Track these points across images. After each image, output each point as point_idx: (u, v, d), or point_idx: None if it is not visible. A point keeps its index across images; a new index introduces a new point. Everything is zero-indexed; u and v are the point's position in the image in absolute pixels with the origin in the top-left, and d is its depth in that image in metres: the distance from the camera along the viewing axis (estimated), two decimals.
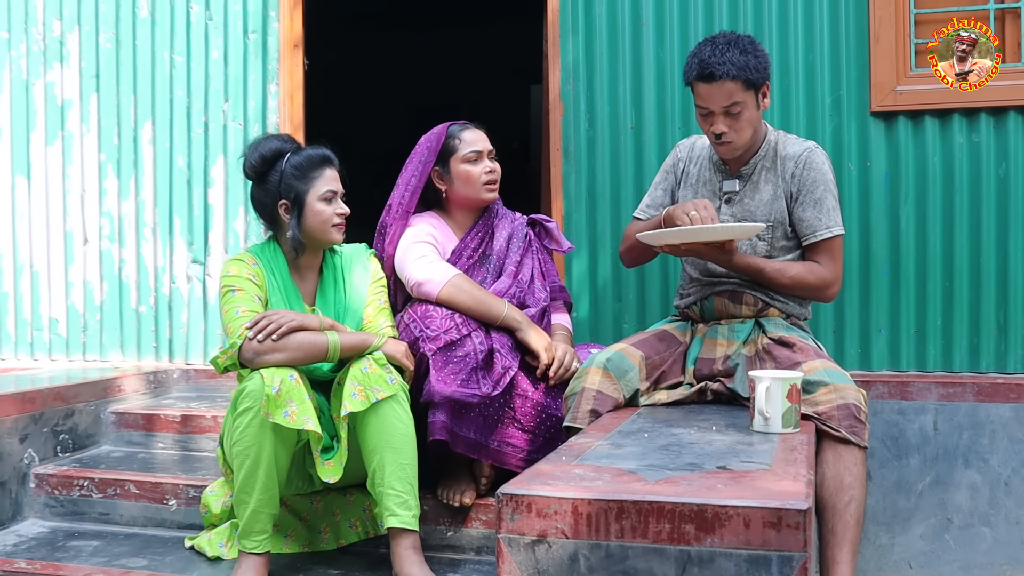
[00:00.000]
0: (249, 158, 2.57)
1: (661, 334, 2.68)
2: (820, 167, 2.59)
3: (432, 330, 2.54)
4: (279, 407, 2.25)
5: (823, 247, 2.59)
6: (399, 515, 2.35)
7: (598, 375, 2.46)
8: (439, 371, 2.49)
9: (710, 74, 2.46)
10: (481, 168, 2.80)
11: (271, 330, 2.34)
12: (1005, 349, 3.27)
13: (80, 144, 4.07)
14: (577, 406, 2.43)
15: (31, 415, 3.10)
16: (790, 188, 2.60)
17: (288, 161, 2.54)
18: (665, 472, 1.77)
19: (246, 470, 2.31)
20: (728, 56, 2.45)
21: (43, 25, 4.10)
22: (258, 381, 2.29)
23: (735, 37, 2.51)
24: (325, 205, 2.54)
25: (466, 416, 2.52)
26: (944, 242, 3.30)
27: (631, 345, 2.57)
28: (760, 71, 2.50)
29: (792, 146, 2.64)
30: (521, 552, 1.65)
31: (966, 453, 3.19)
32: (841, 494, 2.22)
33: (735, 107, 2.49)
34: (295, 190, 2.52)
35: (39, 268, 4.12)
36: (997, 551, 3.16)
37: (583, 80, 3.61)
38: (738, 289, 2.63)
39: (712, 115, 2.52)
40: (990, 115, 3.26)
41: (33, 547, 2.75)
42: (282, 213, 2.54)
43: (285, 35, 3.91)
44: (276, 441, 2.31)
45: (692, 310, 2.73)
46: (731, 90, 2.46)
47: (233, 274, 2.51)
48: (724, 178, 2.68)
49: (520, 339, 2.64)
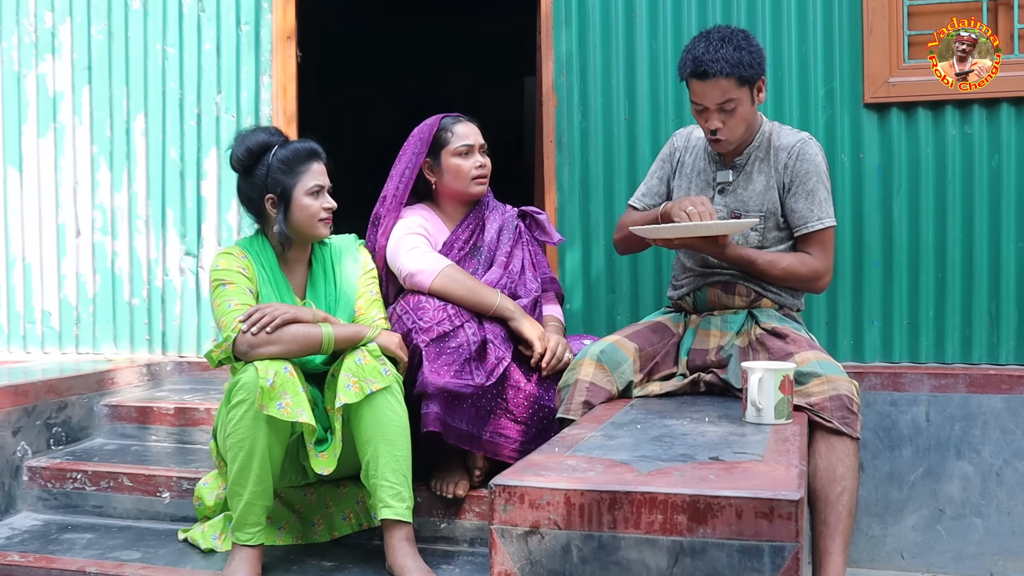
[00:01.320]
0: (235, 151, 2.56)
1: (655, 325, 2.69)
2: (813, 158, 2.59)
3: (425, 321, 2.54)
4: (273, 399, 2.25)
5: (815, 238, 2.59)
6: (393, 506, 2.35)
7: (592, 367, 2.46)
8: (432, 362, 2.49)
9: (704, 72, 2.46)
10: (472, 163, 2.79)
11: (265, 323, 2.34)
12: (997, 340, 3.28)
13: (72, 136, 4.06)
14: (570, 398, 2.43)
15: (24, 408, 3.10)
16: (783, 179, 2.60)
17: (275, 155, 2.52)
18: (658, 463, 1.78)
19: (240, 462, 2.31)
20: (722, 53, 2.45)
21: (35, 16, 4.08)
22: (252, 373, 2.29)
23: (729, 33, 2.50)
24: (312, 200, 2.53)
25: (459, 407, 2.52)
26: (937, 234, 3.31)
27: (624, 337, 2.57)
28: (754, 67, 2.49)
29: (786, 137, 2.63)
30: (514, 543, 1.65)
31: (958, 444, 3.20)
32: (833, 485, 2.23)
33: (729, 104, 2.49)
34: (282, 184, 2.51)
35: (31, 261, 4.11)
36: (989, 541, 3.18)
37: (576, 72, 3.61)
38: (731, 280, 2.64)
39: (707, 111, 2.52)
40: (983, 107, 3.26)
41: (26, 540, 2.75)
42: (268, 207, 2.53)
43: (278, 27, 3.90)
44: (270, 433, 2.31)
45: (685, 301, 2.74)
46: (725, 87, 2.46)
47: (223, 267, 2.51)
48: (718, 168, 2.68)
49: (513, 329, 2.64)
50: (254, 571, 2.34)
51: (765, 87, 2.58)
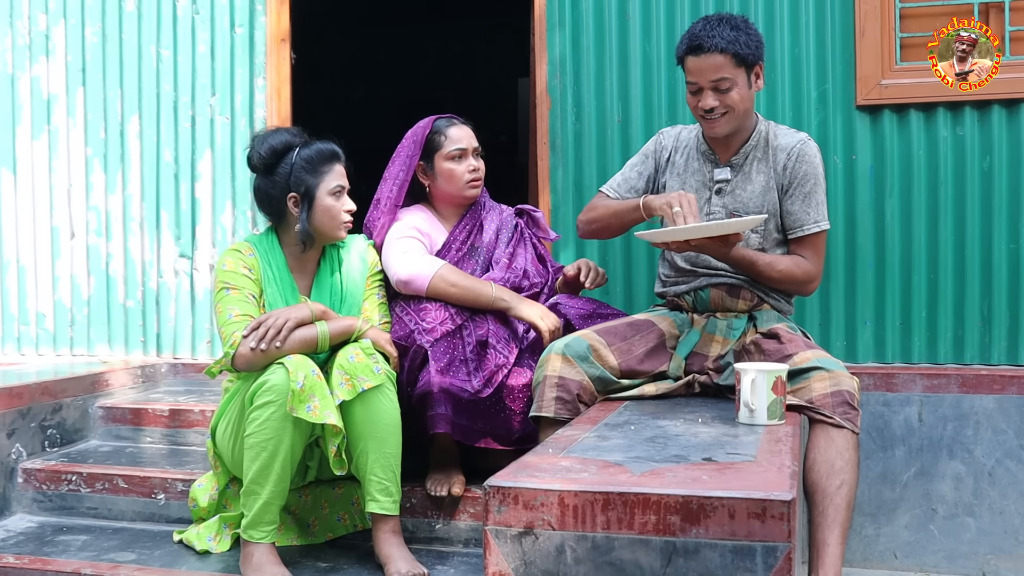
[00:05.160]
0: (257, 149, 2.56)
1: (632, 321, 2.64)
2: (812, 160, 2.59)
3: (428, 322, 2.56)
4: (303, 402, 2.27)
5: (809, 241, 2.60)
6: (379, 501, 2.39)
7: (558, 361, 2.45)
8: (438, 362, 2.51)
9: (699, 46, 2.47)
10: (465, 167, 2.79)
11: (271, 336, 2.36)
12: (989, 341, 3.29)
13: (66, 138, 4.06)
14: (541, 395, 2.44)
15: (18, 410, 3.10)
16: (782, 180, 2.59)
17: (299, 154, 2.54)
18: (651, 464, 1.79)
19: (261, 462, 2.31)
20: (719, 30, 2.47)
21: (28, 18, 4.07)
22: (282, 375, 2.30)
23: (728, 15, 2.53)
24: (334, 200, 2.55)
25: (464, 405, 2.54)
26: (929, 235, 3.32)
27: (592, 331, 2.55)
28: (751, 48, 2.50)
29: (784, 137, 2.63)
30: (508, 544, 1.66)
31: (950, 444, 3.21)
32: (832, 477, 2.23)
33: (724, 82, 2.48)
34: (305, 183, 2.52)
35: (26, 263, 4.10)
36: (981, 541, 3.19)
37: (570, 74, 3.62)
38: (736, 284, 2.62)
39: (701, 91, 2.51)
40: (974, 108, 3.28)
41: (21, 542, 2.75)
42: (291, 206, 2.55)
43: (272, 29, 3.90)
44: (295, 434, 2.33)
45: (684, 300, 2.71)
46: (720, 63, 2.47)
47: (229, 268, 2.52)
48: (714, 167, 2.66)
49: (514, 317, 2.65)
50: (277, 562, 2.35)
51: (763, 74, 2.58)
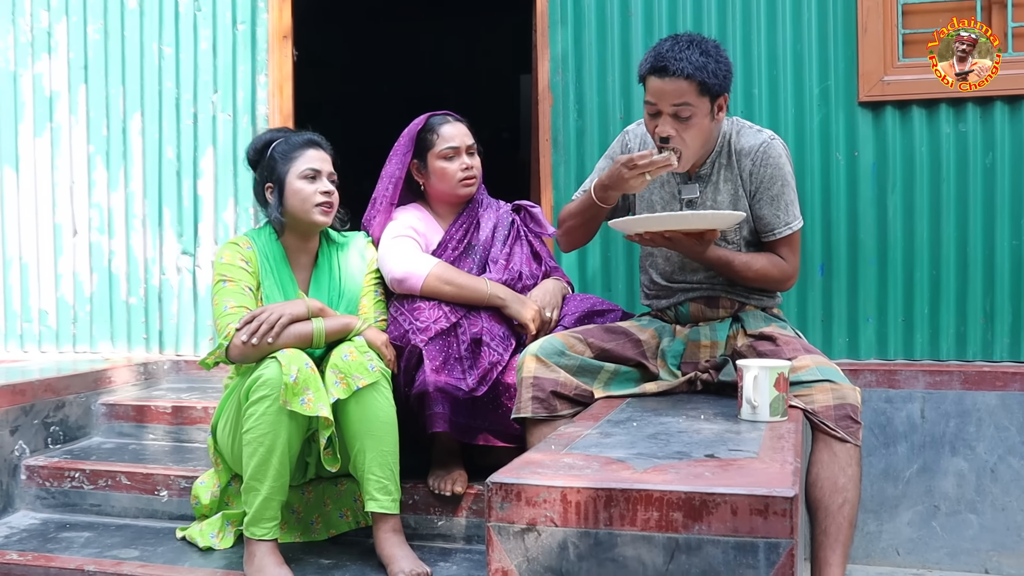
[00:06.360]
0: (248, 149, 2.71)
1: (610, 327, 2.61)
2: (776, 161, 2.49)
3: (421, 321, 2.55)
4: (297, 395, 2.27)
5: (783, 242, 2.55)
6: (379, 500, 2.40)
7: (532, 362, 2.44)
8: (433, 361, 2.50)
9: (663, 67, 2.32)
10: (458, 165, 2.77)
11: (263, 331, 2.37)
12: (991, 337, 3.29)
13: (69, 135, 4.06)
14: (519, 396, 2.44)
15: (21, 407, 3.10)
16: (748, 186, 2.52)
17: (275, 147, 2.62)
18: (653, 460, 1.79)
19: (259, 457, 2.32)
20: (687, 54, 2.32)
21: (30, 16, 4.08)
22: (275, 369, 2.30)
23: (700, 38, 2.38)
24: (306, 183, 2.56)
25: (461, 403, 2.54)
26: (931, 231, 3.32)
27: (566, 332, 2.54)
28: (718, 78, 2.35)
29: (747, 138, 2.52)
30: (511, 540, 1.66)
31: (953, 441, 3.21)
32: (835, 495, 2.21)
33: (685, 109, 2.34)
34: (277, 171, 2.59)
35: (28, 260, 4.10)
36: (983, 537, 3.19)
37: (572, 71, 3.61)
38: (712, 294, 2.60)
39: (660, 115, 2.37)
40: (977, 105, 3.27)
41: (25, 539, 2.76)
42: (268, 196, 2.61)
43: (274, 26, 3.90)
44: (291, 428, 2.33)
45: (667, 314, 2.69)
46: (683, 89, 2.32)
47: (226, 261, 2.54)
48: (681, 182, 2.59)
49: (509, 315, 2.65)
50: (280, 561, 2.35)
51: (727, 106, 2.45)
